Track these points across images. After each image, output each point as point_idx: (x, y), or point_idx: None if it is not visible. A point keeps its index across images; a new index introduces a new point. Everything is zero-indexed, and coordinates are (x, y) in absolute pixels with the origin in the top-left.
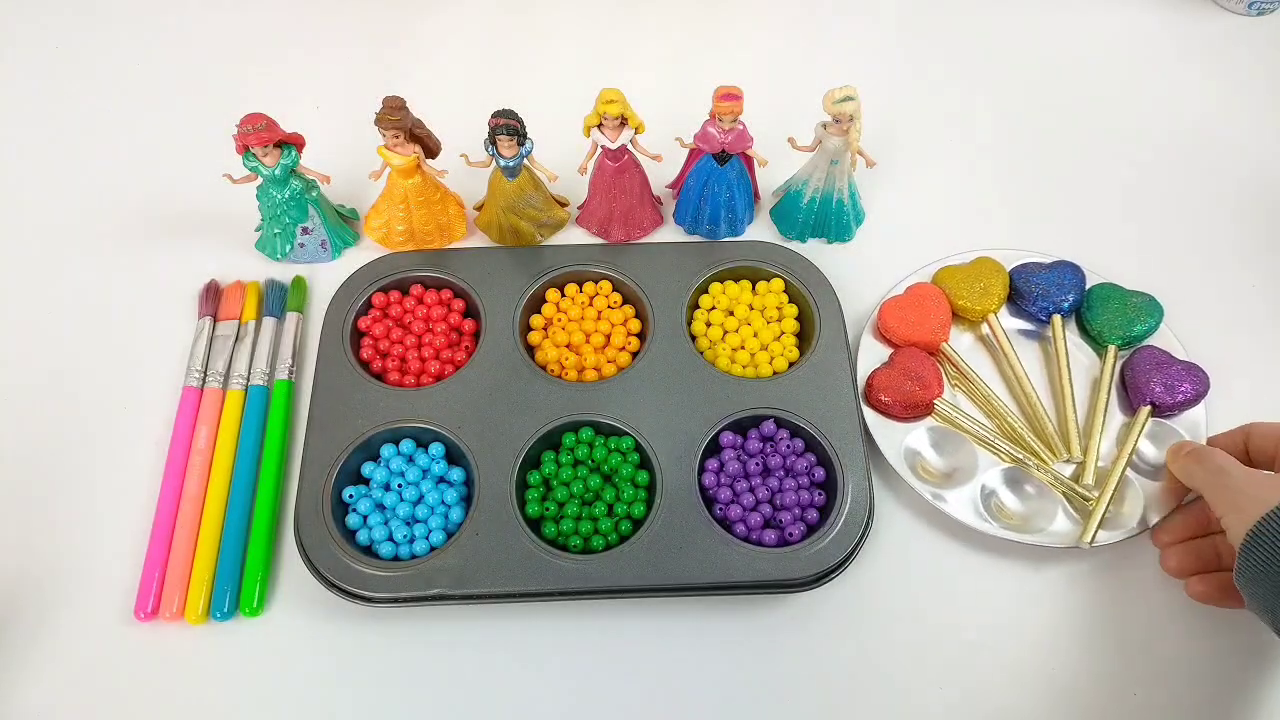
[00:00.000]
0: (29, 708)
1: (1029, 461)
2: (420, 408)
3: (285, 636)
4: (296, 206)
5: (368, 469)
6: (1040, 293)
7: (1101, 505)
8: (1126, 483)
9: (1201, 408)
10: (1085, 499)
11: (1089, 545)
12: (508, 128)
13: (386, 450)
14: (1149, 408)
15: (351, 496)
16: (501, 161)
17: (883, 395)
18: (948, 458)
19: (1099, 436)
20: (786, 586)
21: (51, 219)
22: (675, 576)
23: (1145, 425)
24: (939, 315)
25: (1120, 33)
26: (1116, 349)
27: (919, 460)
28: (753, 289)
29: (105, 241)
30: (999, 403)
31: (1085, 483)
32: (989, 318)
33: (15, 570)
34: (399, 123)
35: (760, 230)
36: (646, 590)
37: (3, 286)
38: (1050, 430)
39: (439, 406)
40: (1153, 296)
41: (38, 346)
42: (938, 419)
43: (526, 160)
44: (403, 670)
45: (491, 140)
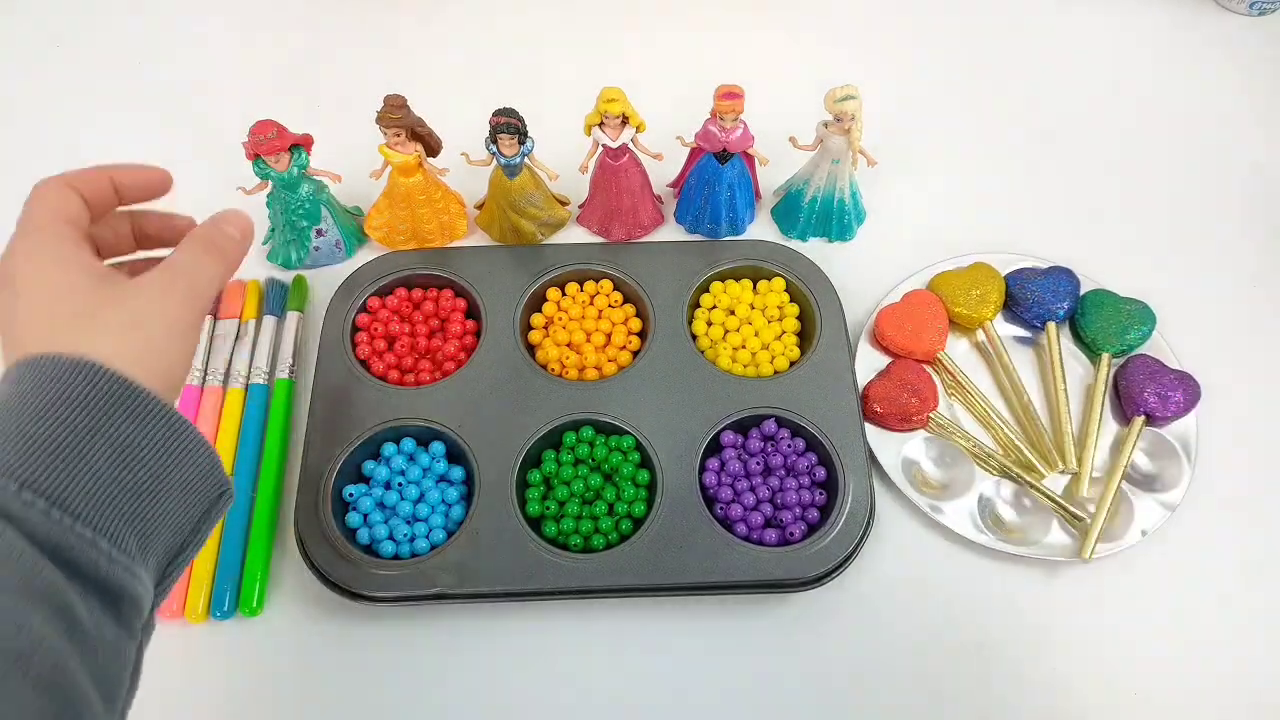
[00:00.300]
0: None
1: (1022, 479)
2: (421, 406)
3: (285, 635)
4: (310, 208)
5: (368, 467)
6: (1035, 299)
7: (1099, 522)
8: (1120, 495)
9: (1192, 417)
10: (1077, 519)
11: (1088, 559)
12: (509, 126)
13: (387, 449)
14: (1143, 418)
15: (352, 495)
16: (502, 160)
17: (878, 407)
18: (945, 469)
19: (1093, 448)
20: (787, 586)
21: None
22: (676, 576)
23: (1139, 436)
24: (936, 324)
25: (1120, 33)
26: (1110, 357)
27: (916, 470)
28: (754, 288)
29: None
30: (995, 414)
31: (1079, 498)
32: (985, 325)
33: None
34: (400, 121)
35: (761, 229)
36: (647, 590)
37: None
38: (1046, 442)
39: (440, 405)
40: (1145, 304)
41: None
42: (933, 431)
43: (527, 159)
44: (403, 669)
45: (492, 139)
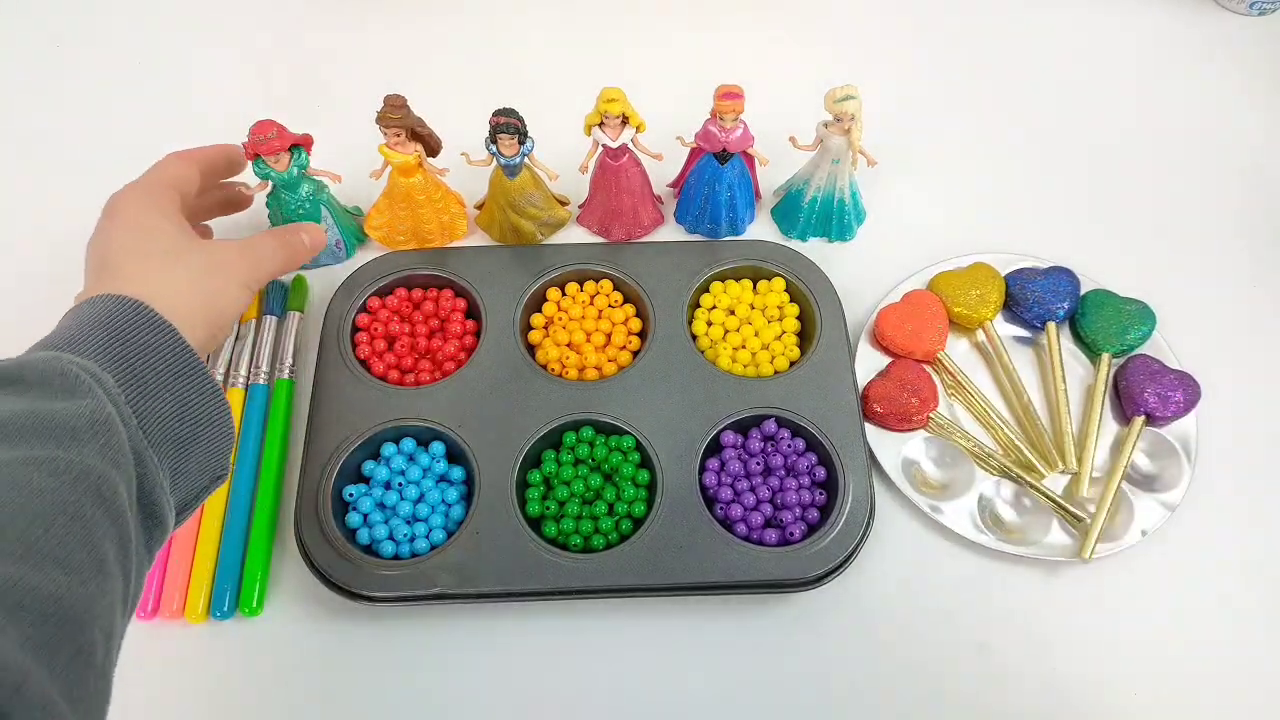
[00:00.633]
0: None
1: (1022, 479)
2: (421, 406)
3: (285, 635)
4: (310, 208)
5: (368, 467)
6: (1035, 299)
7: (1098, 522)
8: (1120, 495)
9: (1192, 417)
10: (1077, 519)
11: (1088, 559)
12: (509, 126)
13: (387, 449)
14: (1143, 418)
15: (352, 495)
16: (502, 160)
17: (878, 407)
18: (945, 469)
19: (1093, 448)
20: (787, 586)
21: (52, 221)
22: (676, 576)
23: (1139, 437)
24: (936, 324)
25: (1119, 33)
26: (1110, 357)
27: (916, 470)
28: (754, 288)
29: None
30: (995, 414)
31: (1079, 498)
32: (985, 325)
33: None
34: (400, 121)
35: (761, 229)
36: (647, 590)
37: (5, 288)
38: (1046, 442)
39: (440, 405)
40: (1145, 304)
41: None
42: (933, 431)
43: (527, 159)
44: (403, 669)
45: (492, 139)
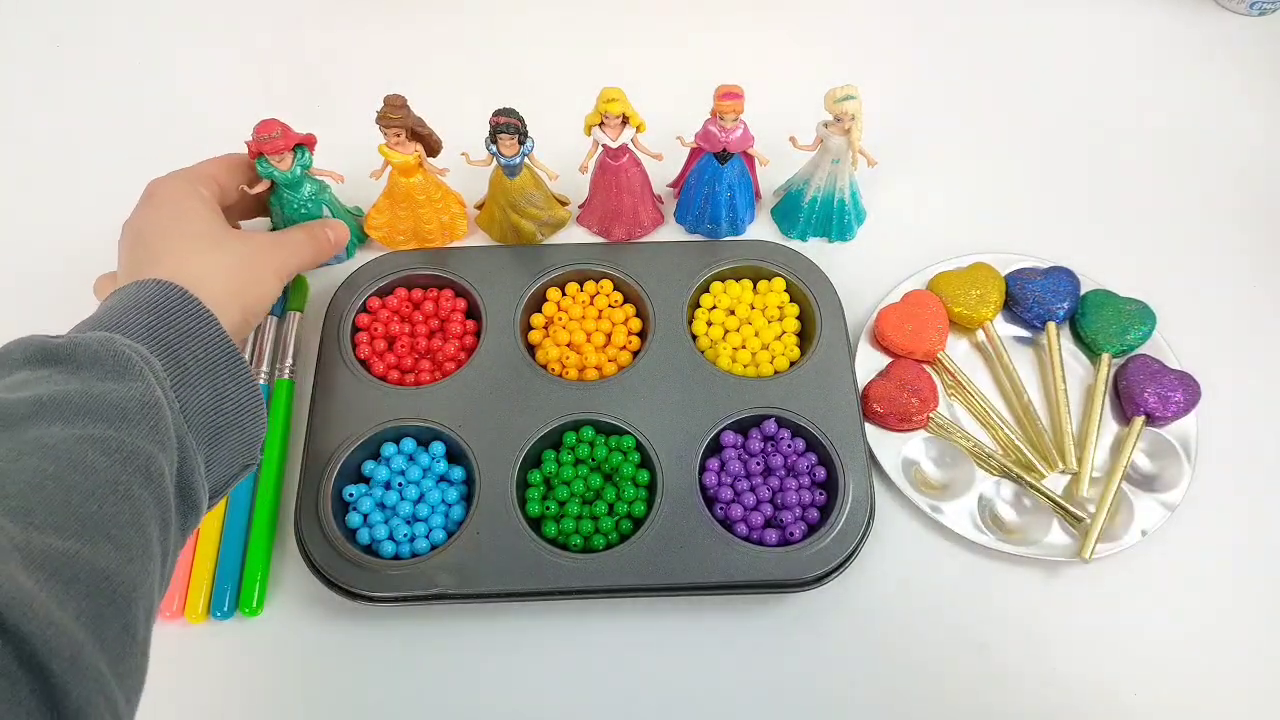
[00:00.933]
0: None
1: (1022, 479)
2: (421, 406)
3: (285, 635)
4: (312, 208)
5: (368, 467)
6: (1035, 300)
7: (1099, 522)
8: (1120, 495)
9: (1192, 417)
10: (1077, 519)
11: (1088, 559)
12: (509, 126)
13: (387, 449)
14: (1143, 418)
15: (352, 495)
16: (502, 160)
17: (878, 407)
18: (945, 469)
19: (1093, 448)
20: (787, 586)
21: (52, 221)
22: (676, 576)
23: (1139, 437)
24: (936, 324)
25: (1119, 33)
26: (1110, 357)
27: (916, 470)
28: (754, 288)
29: (108, 243)
30: (995, 414)
31: (1079, 498)
32: (985, 325)
33: None
34: (401, 121)
35: (761, 229)
36: (647, 590)
37: (5, 287)
38: (1046, 442)
39: (440, 405)
40: (1145, 304)
41: None
42: (933, 431)
43: (527, 159)
44: (403, 670)
45: (493, 139)
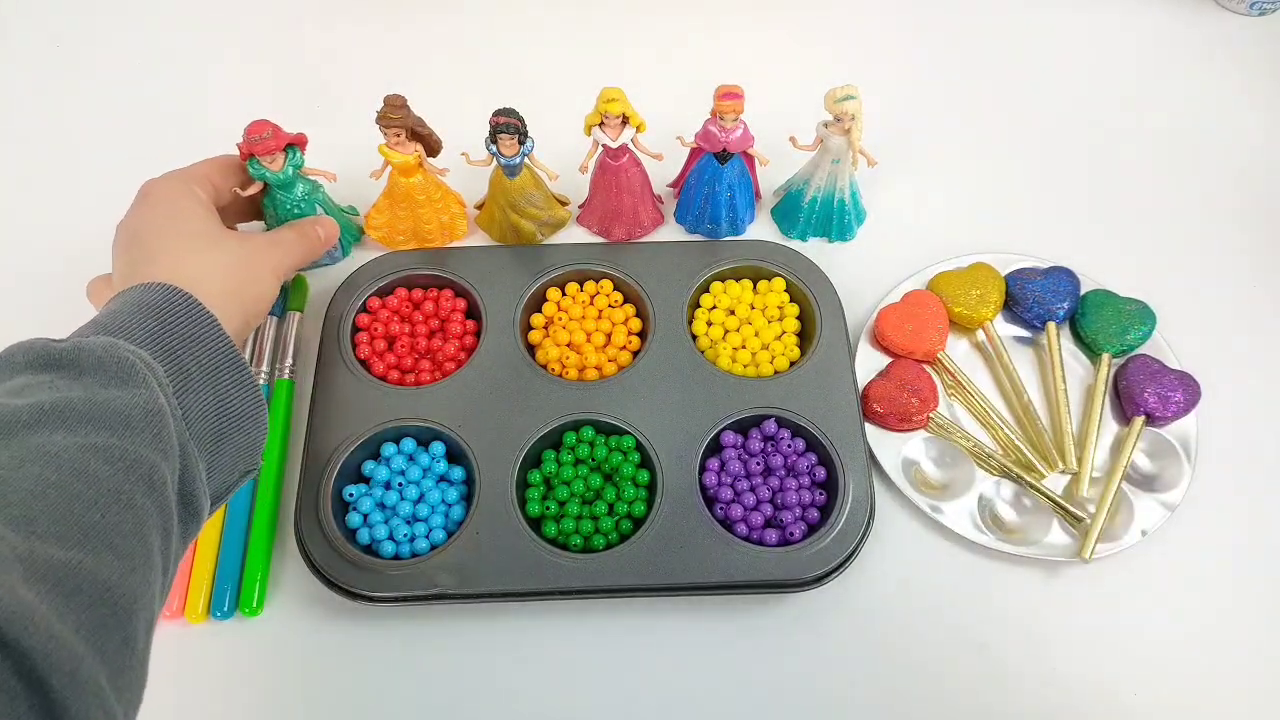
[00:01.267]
0: None
1: (1022, 479)
2: (421, 406)
3: (285, 636)
4: (306, 208)
5: (368, 468)
6: (1035, 299)
7: (1098, 522)
8: (1120, 495)
9: (1192, 417)
10: (1077, 519)
11: (1088, 559)
12: (509, 126)
13: (387, 449)
14: (1143, 418)
15: (352, 495)
16: (502, 160)
17: (878, 407)
18: (945, 469)
19: (1093, 448)
20: (787, 586)
21: (51, 221)
22: (676, 576)
23: (1139, 437)
24: (936, 324)
25: (1119, 33)
26: (1110, 357)
27: (916, 470)
28: (754, 288)
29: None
30: (995, 414)
31: (1079, 498)
32: (985, 325)
33: None
34: (400, 121)
35: (761, 229)
36: (647, 590)
37: (4, 287)
38: (1046, 442)
39: (440, 405)
40: (1145, 304)
41: None
42: (933, 431)
43: (527, 159)
44: (403, 670)
45: (492, 139)
